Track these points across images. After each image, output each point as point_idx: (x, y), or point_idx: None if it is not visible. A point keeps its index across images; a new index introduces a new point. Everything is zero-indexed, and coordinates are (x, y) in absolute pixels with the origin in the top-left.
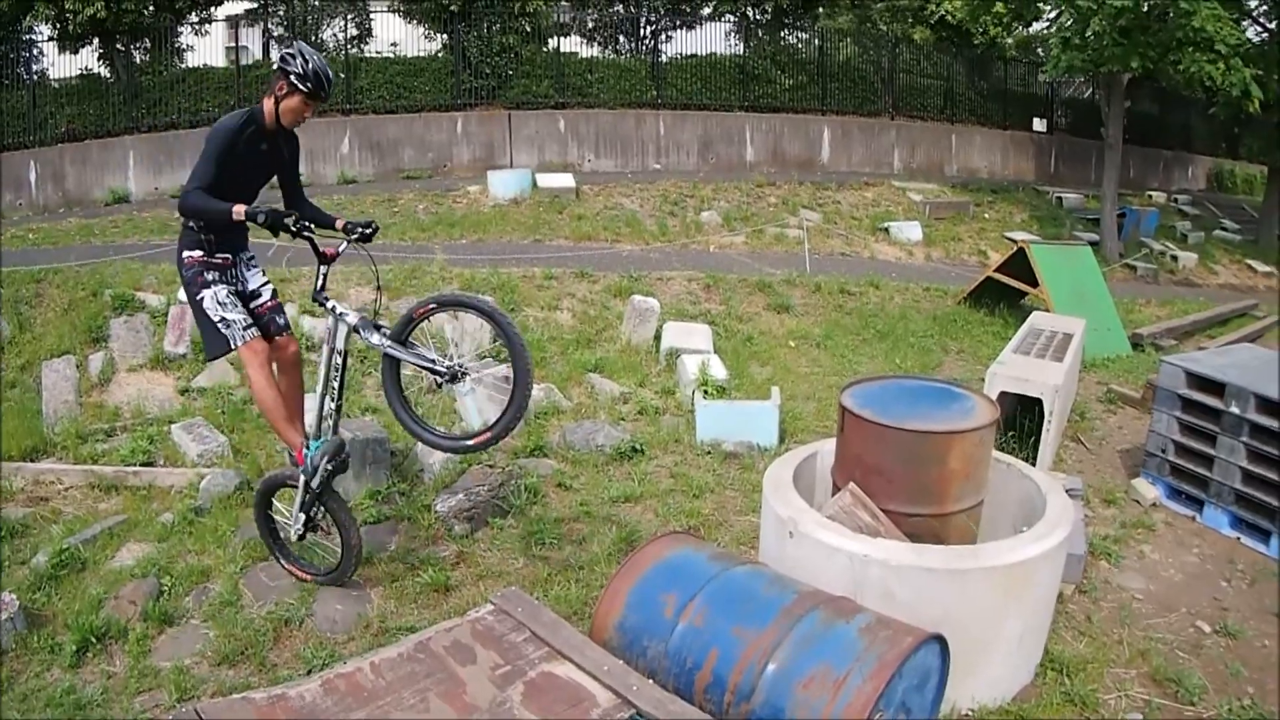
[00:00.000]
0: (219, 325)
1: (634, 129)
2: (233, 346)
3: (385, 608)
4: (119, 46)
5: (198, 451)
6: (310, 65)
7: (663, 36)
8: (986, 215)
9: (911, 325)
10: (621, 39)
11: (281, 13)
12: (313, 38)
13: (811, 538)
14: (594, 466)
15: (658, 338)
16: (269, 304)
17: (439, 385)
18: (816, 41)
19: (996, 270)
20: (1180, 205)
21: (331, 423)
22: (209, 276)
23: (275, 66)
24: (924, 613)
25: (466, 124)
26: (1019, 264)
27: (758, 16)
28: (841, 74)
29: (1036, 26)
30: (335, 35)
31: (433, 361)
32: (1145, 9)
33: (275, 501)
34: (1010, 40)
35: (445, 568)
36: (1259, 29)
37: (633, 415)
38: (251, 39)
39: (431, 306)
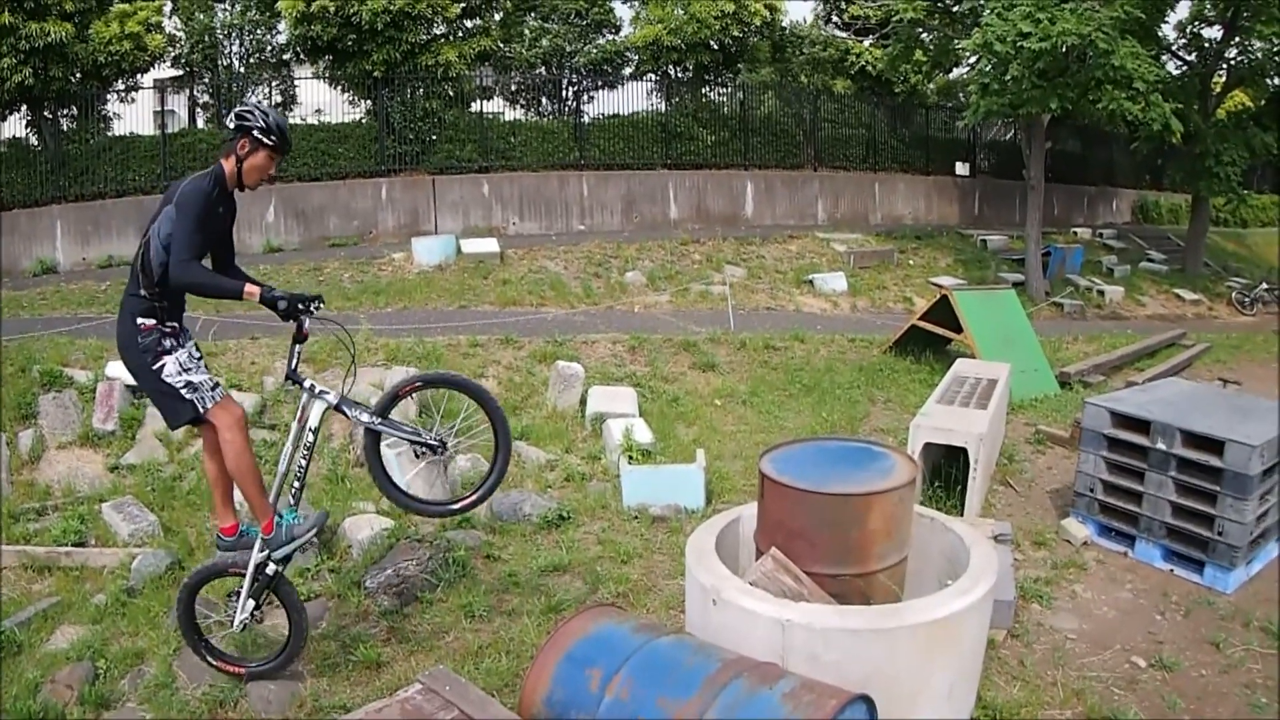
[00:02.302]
0: (183, 391)
1: (558, 190)
2: (201, 410)
3: (318, 686)
4: (46, 114)
5: (128, 531)
6: (271, 119)
7: (585, 97)
8: (911, 262)
9: (838, 377)
10: (544, 101)
11: (207, 80)
12: (238, 105)
13: (735, 605)
14: (521, 536)
15: (583, 402)
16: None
17: (419, 455)
18: (738, 96)
19: (921, 318)
20: (1105, 240)
21: (292, 500)
22: (167, 344)
23: (232, 126)
24: (851, 673)
25: (391, 190)
26: (943, 310)
27: (679, 74)
28: (763, 128)
29: (957, 72)
30: (260, 102)
31: (418, 435)
32: (1063, 51)
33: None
34: (931, 87)
35: (376, 644)
36: (1179, 62)
37: (560, 482)
38: (178, 104)
39: (417, 385)
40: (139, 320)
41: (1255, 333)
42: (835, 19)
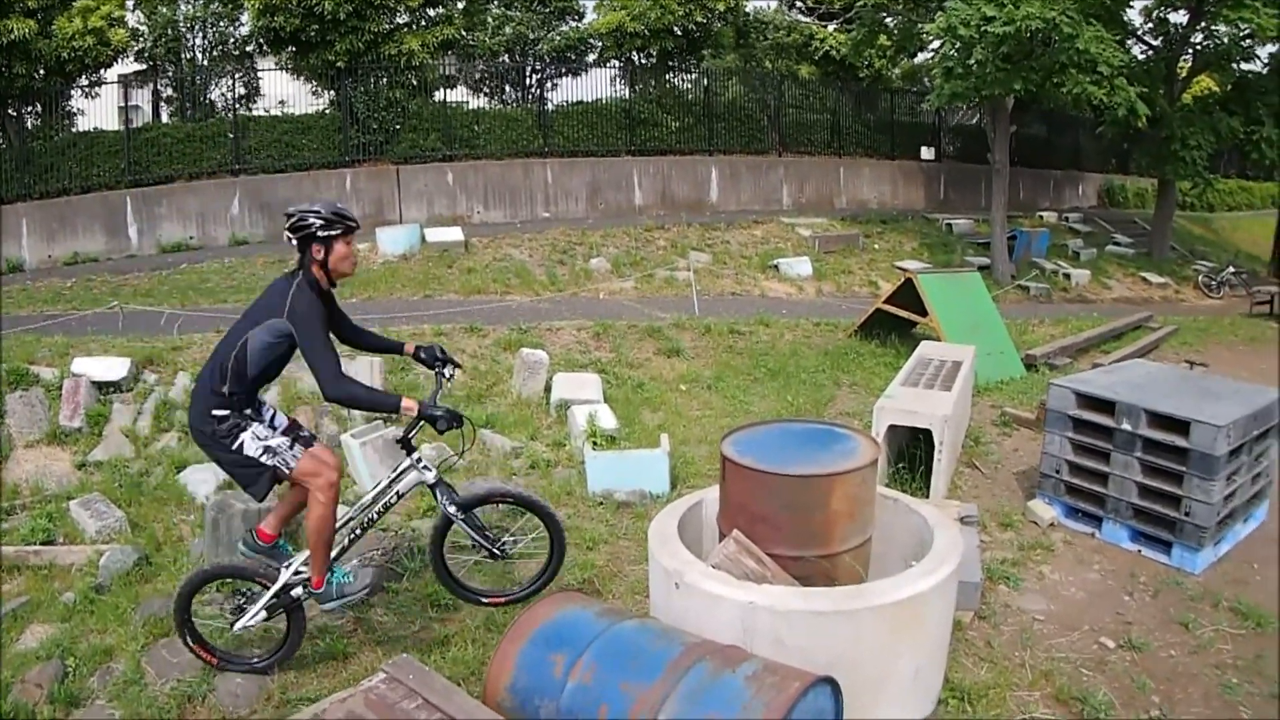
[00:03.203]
0: (262, 458)
1: (522, 179)
2: (286, 470)
3: (285, 679)
4: (10, 111)
5: (96, 528)
6: (324, 212)
7: (549, 85)
8: (876, 246)
9: (803, 362)
10: (508, 89)
11: (171, 73)
12: (202, 98)
13: (698, 588)
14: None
15: (548, 389)
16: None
17: (474, 548)
18: (703, 82)
19: (886, 301)
20: (1072, 224)
21: (346, 543)
22: (243, 423)
23: (295, 242)
24: (815, 656)
25: (355, 180)
26: (908, 294)
27: (643, 61)
28: (728, 114)
29: (921, 57)
30: (224, 95)
31: (490, 541)
32: (1028, 35)
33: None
34: (896, 72)
35: (342, 636)
36: (1144, 47)
37: (525, 470)
38: (142, 99)
39: (509, 500)
40: (214, 412)
41: (1222, 315)
42: (799, 4)
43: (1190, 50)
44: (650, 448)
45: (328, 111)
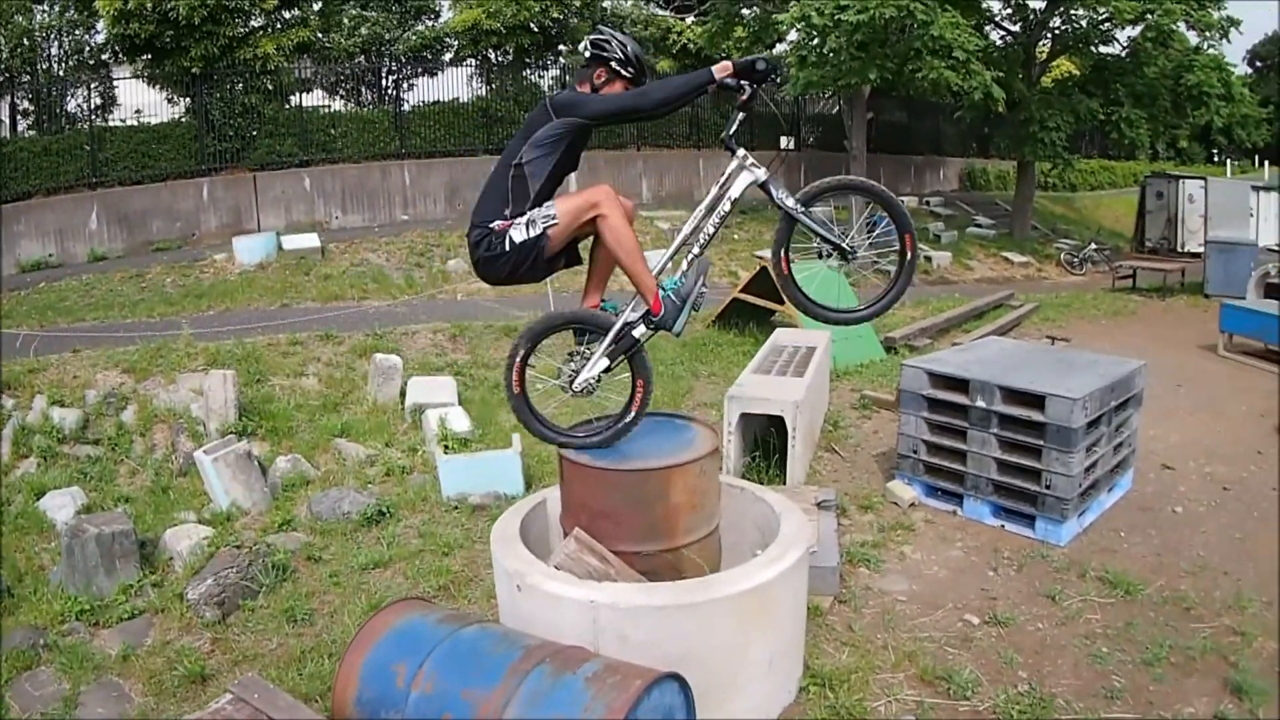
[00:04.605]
0: (530, 234)
1: (380, 181)
2: (552, 224)
3: (146, 705)
4: None
5: None
6: (629, 49)
7: (405, 85)
8: (736, 236)
9: (660, 353)
10: (364, 91)
11: (26, 84)
12: (58, 110)
13: (540, 589)
14: (342, 535)
15: (404, 394)
16: None
17: (825, 255)
18: (561, 79)
19: (742, 290)
20: (933, 208)
21: (686, 264)
22: (509, 225)
23: (588, 54)
24: (664, 651)
25: (213, 189)
26: (765, 282)
27: (499, 58)
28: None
29: (780, 48)
30: (80, 106)
31: (832, 234)
32: (883, 23)
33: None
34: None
35: (201, 657)
36: (1003, 32)
37: (380, 478)
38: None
39: (849, 189)
40: (492, 225)
41: (1085, 291)
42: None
43: (1049, 34)
44: (504, 449)
45: (183, 120)
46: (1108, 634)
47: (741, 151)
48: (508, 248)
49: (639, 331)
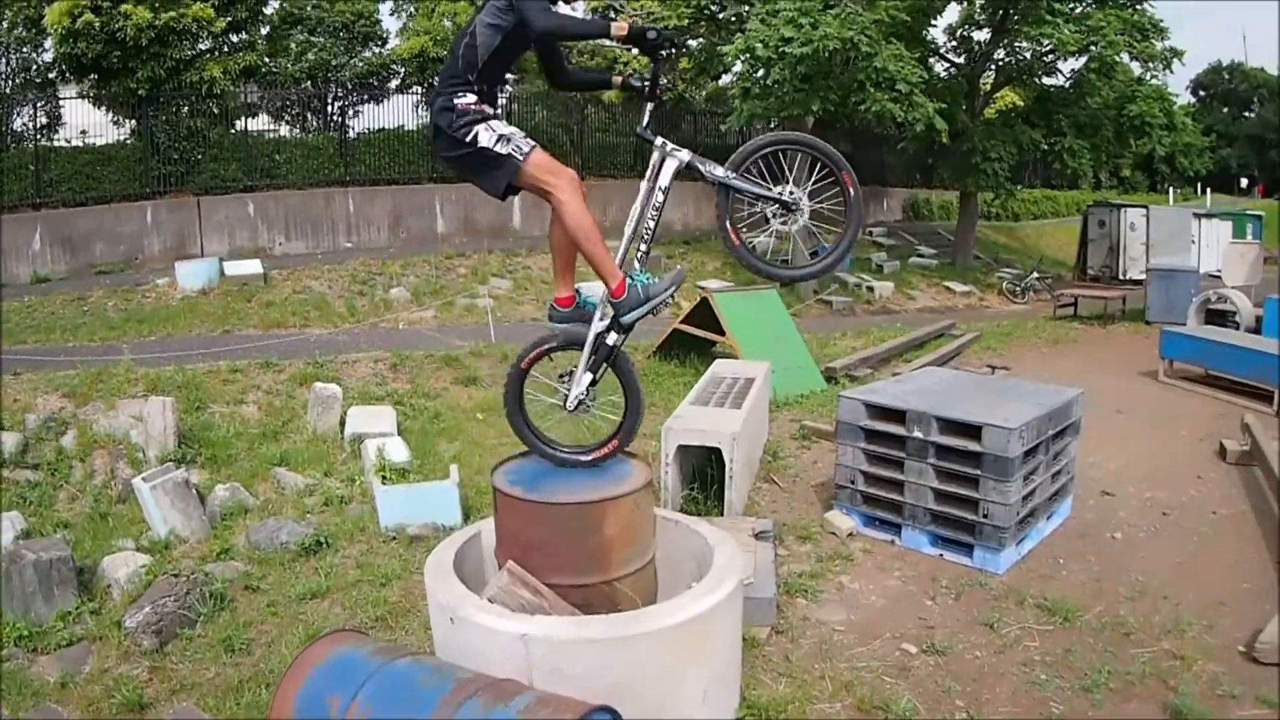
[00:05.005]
0: (497, 147)
1: (324, 208)
2: (520, 156)
3: None
4: None
5: None
6: None
7: (351, 112)
8: (679, 266)
9: (601, 386)
10: (310, 116)
11: None
12: (3, 128)
13: (473, 622)
14: (280, 565)
15: (343, 424)
16: None
17: (770, 218)
18: (511, 107)
19: (683, 321)
20: (876, 238)
21: (639, 265)
22: (481, 116)
23: None
24: (598, 684)
25: (157, 213)
26: (706, 313)
27: None
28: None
29: (725, 79)
30: (25, 125)
31: (769, 191)
32: (826, 55)
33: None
34: (702, 94)
35: (139, 685)
36: (947, 64)
37: (319, 507)
38: None
39: (786, 145)
40: (457, 100)
41: (1026, 319)
42: None
43: (993, 66)
44: (442, 479)
45: (129, 141)
46: (1046, 661)
47: (660, 140)
48: (468, 142)
49: (612, 338)
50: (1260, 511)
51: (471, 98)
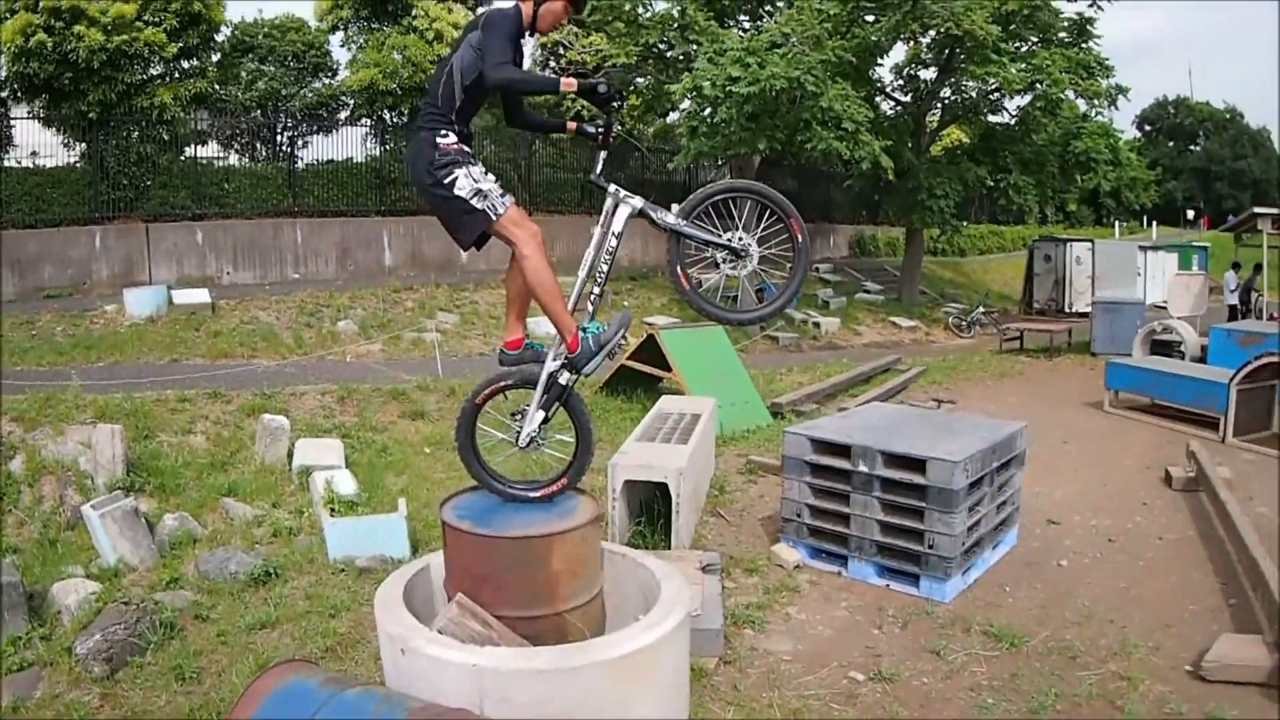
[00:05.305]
0: (473, 201)
1: (272, 238)
2: (493, 215)
3: None
4: None
5: None
6: None
7: (300, 142)
8: (626, 303)
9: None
10: (259, 146)
11: None
12: None
13: (423, 653)
14: (230, 595)
15: (291, 455)
16: None
17: (720, 263)
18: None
19: (630, 358)
20: (822, 274)
21: (593, 307)
22: (461, 160)
23: None
24: (547, 714)
25: (105, 238)
26: (652, 349)
27: (394, 119)
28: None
29: (673, 117)
30: None
31: (720, 238)
32: (773, 94)
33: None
34: (650, 131)
35: (90, 711)
36: (894, 103)
37: (267, 538)
38: None
39: (732, 192)
40: (439, 140)
41: (972, 354)
42: (552, 64)
43: (939, 104)
44: (389, 512)
45: (79, 165)
46: (993, 685)
47: (613, 187)
48: (445, 185)
49: (565, 378)
50: (1206, 536)
51: (453, 138)
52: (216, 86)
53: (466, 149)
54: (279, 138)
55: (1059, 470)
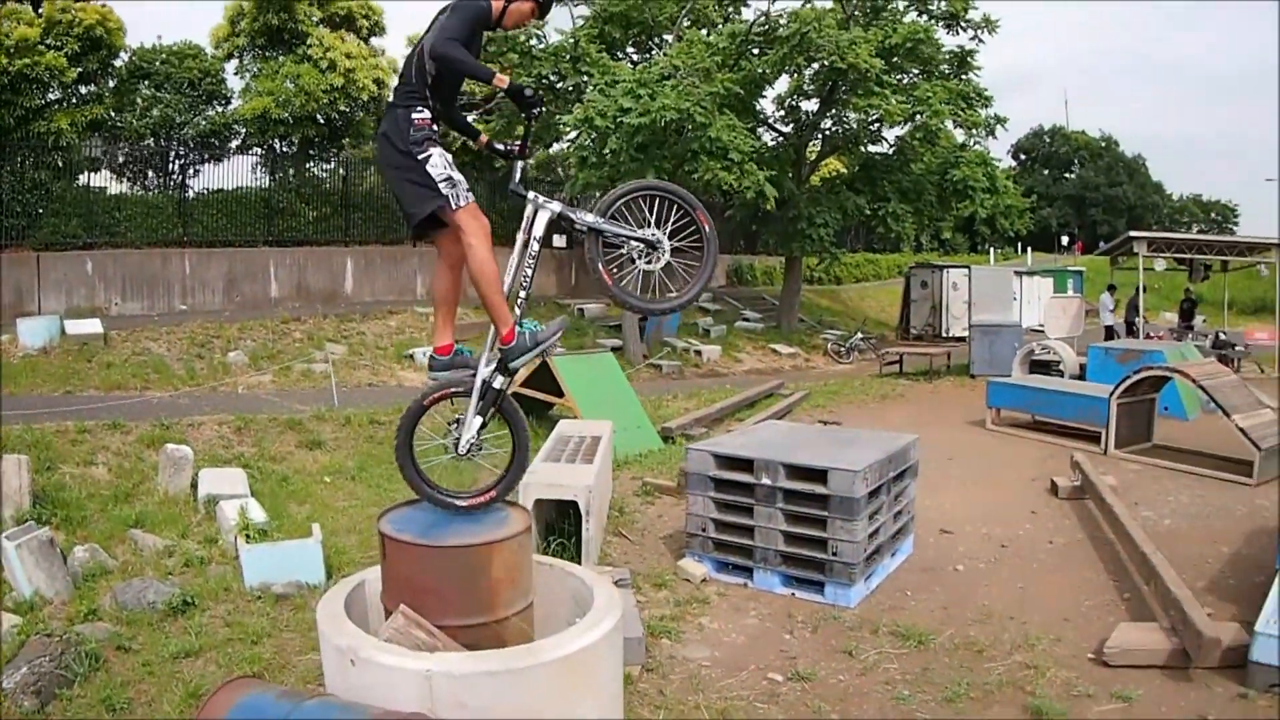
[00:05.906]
0: (441, 185)
1: (160, 269)
2: (454, 205)
3: None
4: None
5: None
6: None
7: (191, 171)
8: (562, 316)
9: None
10: (151, 174)
11: None
12: None
13: (374, 662)
14: (149, 625)
15: (194, 485)
16: None
17: (636, 258)
18: (341, 172)
19: (522, 385)
20: (701, 303)
21: (519, 311)
22: (435, 137)
23: None
24: (499, 715)
25: None
26: (544, 376)
27: (285, 148)
28: (365, 203)
29: (556, 147)
30: None
31: (636, 232)
32: (663, 125)
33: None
34: (531, 162)
35: None
36: (775, 134)
37: (180, 568)
38: None
39: (646, 191)
40: (414, 116)
41: (853, 378)
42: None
43: (820, 135)
44: (303, 538)
45: None
46: (907, 679)
47: (532, 194)
48: (419, 159)
49: (499, 382)
50: (1095, 539)
51: (426, 114)
52: (112, 113)
53: (436, 129)
54: (170, 165)
55: (948, 484)
